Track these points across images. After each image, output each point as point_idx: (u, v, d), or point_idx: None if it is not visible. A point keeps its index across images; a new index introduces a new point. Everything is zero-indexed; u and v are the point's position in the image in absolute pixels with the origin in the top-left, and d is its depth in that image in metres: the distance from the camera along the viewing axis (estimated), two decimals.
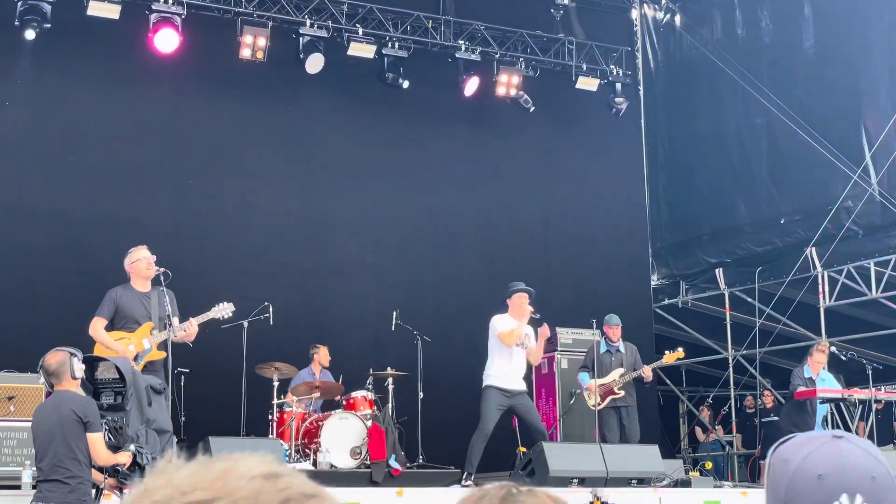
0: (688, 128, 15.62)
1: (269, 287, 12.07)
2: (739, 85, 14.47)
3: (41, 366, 6.39)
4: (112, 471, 6.34)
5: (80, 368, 6.39)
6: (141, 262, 8.57)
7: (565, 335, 13.08)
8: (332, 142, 13.76)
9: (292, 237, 13.30)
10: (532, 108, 14.36)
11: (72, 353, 6.37)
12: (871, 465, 1.71)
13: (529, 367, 10.76)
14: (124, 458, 6.36)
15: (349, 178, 13.75)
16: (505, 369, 10.05)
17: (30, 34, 11.84)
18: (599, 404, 11.46)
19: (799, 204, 13.94)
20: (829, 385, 11.54)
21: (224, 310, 8.84)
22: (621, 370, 11.48)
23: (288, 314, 11.58)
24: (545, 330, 10.27)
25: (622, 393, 11.41)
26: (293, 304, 12.29)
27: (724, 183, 14.98)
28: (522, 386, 10.26)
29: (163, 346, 8.54)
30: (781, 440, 1.82)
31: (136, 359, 8.39)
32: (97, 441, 6.22)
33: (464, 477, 9.76)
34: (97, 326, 8.45)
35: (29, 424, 10.24)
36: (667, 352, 11.99)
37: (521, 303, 10.11)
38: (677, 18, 15.85)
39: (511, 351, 10.07)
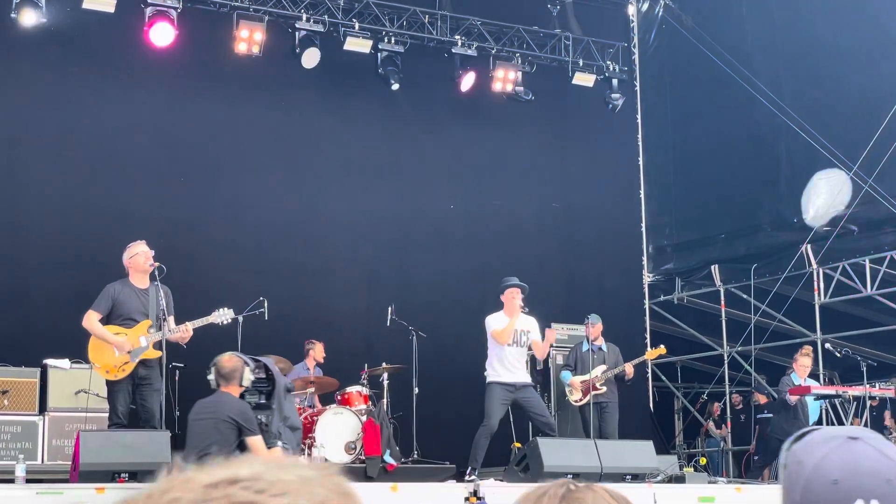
0: (694, 126, 15.59)
1: (262, 282, 12.04)
2: (741, 82, 14.43)
3: (215, 364, 6.78)
4: None
5: (248, 379, 6.88)
6: (140, 257, 8.53)
7: (560, 331, 13.07)
8: (327, 137, 13.74)
9: (287, 232, 13.29)
10: (531, 98, 14.33)
11: (245, 363, 6.80)
12: (887, 468, 1.66)
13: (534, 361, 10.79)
14: (278, 454, 6.77)
15: (344, 172, 13.73)
16: (505, 365, 10.05)
17: (29, 18, 11.77)
18: (580, 400, 11.52)
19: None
20: None
21: (223, 315, 8.81)
22: (603, 367, 11.55)
23: (282, 310, 11.56)
24: (552, 334, 10.34)
25: (604, 389, 11.48)
26: (287, 300, 12.26)
27: (738, 182, 14.95)
28: (526, 379, 10.23)
29: (158, 344, 8.51)
30: (797, 435, 1.77)
31: (130, 356, 8.39)
32: (257, 442, 6.64)
33: (468, 472, 9.75)
34: (92, 319, 8.40)
35: (22, 419, 10.29)
36: (649, 349, 12.05)
37: (511, 298, 10.11)
38: (675, 14, 15.82)
39: (505, 348, 10.06)
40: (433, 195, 14.17)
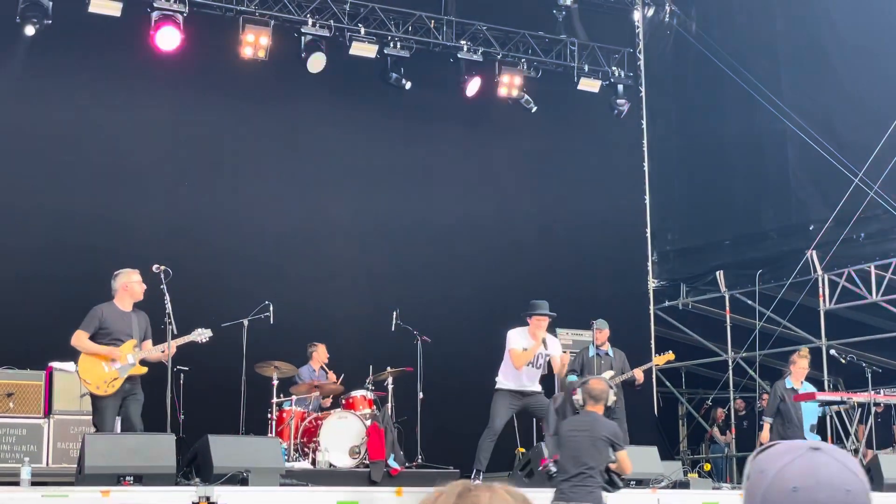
0: (698, 131, 15.59)
1: (268, 287, 12.05)
2: (746, 88, 14.43)
3: (583, 385, 7.70)
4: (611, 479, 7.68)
5: (612, 400, 7.91)
6: (137, 285, 8.95)
7: (564, 336, 13.08)
8: (332, 141, 13.75)
9: (292, 236, 13.30)
10: (534, 109, 14.37)
11: (610, 386, 7.80)
12: (846, 478, 1.70)
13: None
14: None
15: (349, 177, 13.75)
16: (516, 379, 10.01)
17: (29, 30, 11.84)
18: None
19: (830, 209, 13.72)
20: None
21: (202, 334, 9.12)
22: (611, 372, 11.52)
23: (287, 314, 11.57)
24: (565, 358, 10.35)
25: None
26: (292, 305, 12.26)
27: (745, 188, 14.93)
28: (537, 388, 10.18)
29: (143, 361, 8.84)
30: (760, 448, 1.82)
31: (119, 372, 8.69)
32: (625, 455, 7.55)
33: (473, 475, 9.73)
34: (81, 338, 8.71)
35: (27, 421, 10.31)
36: (656, 354, 12.01)
37: (536, 326, 10.01)
38: (680, 20, 15.83)
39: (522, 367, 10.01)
40: (438, 200, 14.18)
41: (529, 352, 9.90)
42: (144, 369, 8.83)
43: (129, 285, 8.89)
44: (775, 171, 14.59)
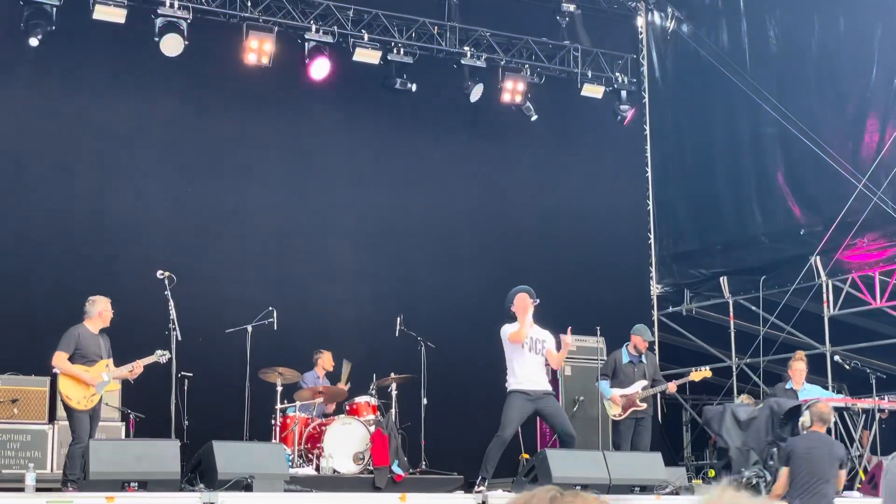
0: (698, 137, 15.58)
1: (271, 292, 12.07)
2: (749, 94, 14.43)
3: (810, 408, 8.32)
4: None
5: (829, 423, 8.62)
6: (109, 312, 9.48)
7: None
8: (336, 147, 13.76)
9: (295, 242, 13.31)
10: (534, 118, 14.39)
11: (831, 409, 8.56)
12: None
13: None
14: None
15: (353, 183, 13.76)
16: (524, 372, 9.94)
17: (33, 41, 11.85)
18: (621, 415, 11.42)
19: (819, 214, 13.74)
20: (814, 394, 11.47)
21: (163, 355, 9.50)
22: (644, 382, 11.47)
23: (290, 320, 11.58)
24: (567, 340, 10.16)
25: (644, 405, 11.42)
26: (296, 310, 12.28)
27: (738, 192, 14.93)
28: (547, 387, 10.10)
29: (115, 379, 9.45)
30: None
31: (96, 388, 9.16)
32: (844, 476, 8.25)
33: (478, 481, 9.70)
34: (62, 359, 9.13)
35: (32, 427, 10.34)
36: (694, 369, 11.96)
37: (522, 301, 9.98)
38: (683, 26, 15.84)
39: (525, 355, 9.95)
40: (441, 206, 14.18)
41: (523, 325, 9.81)
42: (118, 386, 9.73)
43: (104, 312, 9.43)
44: (777, 176, 14.57)
